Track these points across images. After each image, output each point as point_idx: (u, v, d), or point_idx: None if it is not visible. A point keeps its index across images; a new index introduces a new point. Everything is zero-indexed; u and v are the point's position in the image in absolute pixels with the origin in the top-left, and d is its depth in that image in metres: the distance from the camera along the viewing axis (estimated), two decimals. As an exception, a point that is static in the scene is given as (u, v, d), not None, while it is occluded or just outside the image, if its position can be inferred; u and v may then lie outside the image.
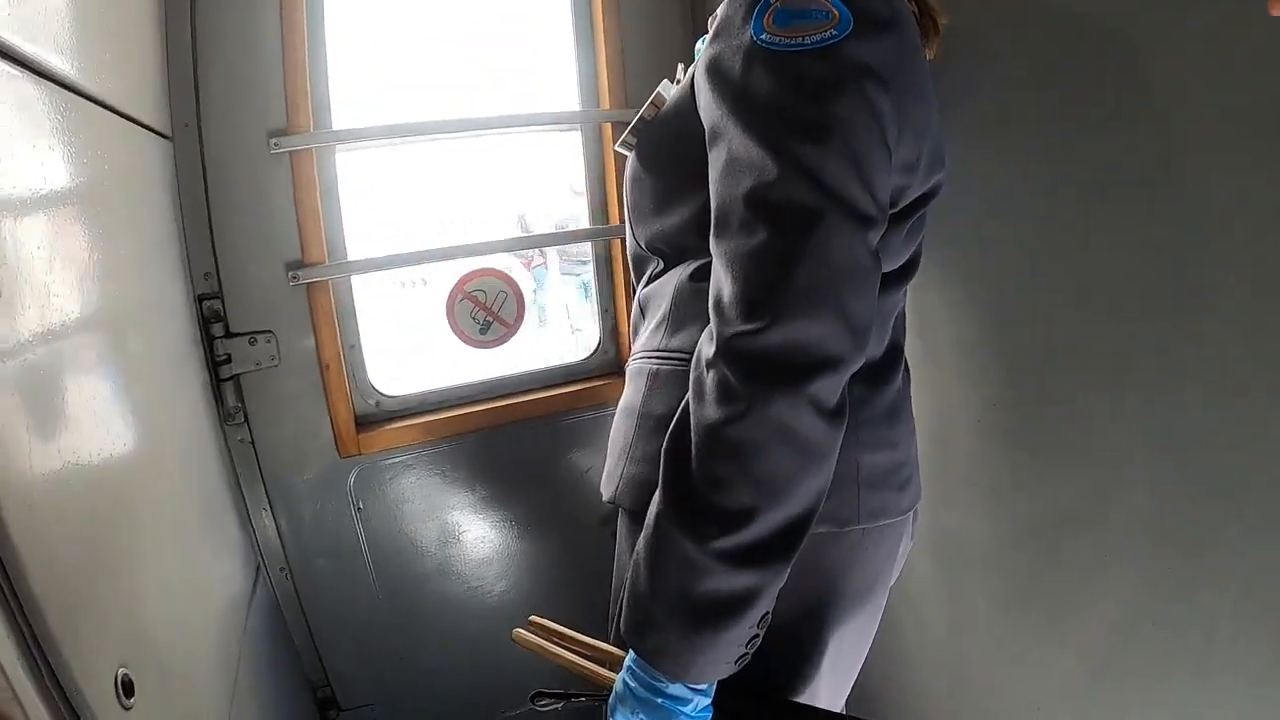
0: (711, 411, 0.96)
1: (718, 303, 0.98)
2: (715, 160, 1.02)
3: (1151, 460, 1.24)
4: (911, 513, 1.29)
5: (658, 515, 1.02)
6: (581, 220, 2.38)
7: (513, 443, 2.29)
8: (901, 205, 1.13)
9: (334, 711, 2.23)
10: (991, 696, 1.66)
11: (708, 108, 1.04)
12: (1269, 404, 1.07)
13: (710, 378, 0.97)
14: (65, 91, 0.99)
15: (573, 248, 4.97)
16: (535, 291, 6.35)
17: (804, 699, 1.23)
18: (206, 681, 1.25)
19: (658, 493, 1.04)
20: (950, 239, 1.38)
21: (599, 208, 2.35)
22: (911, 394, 1.32)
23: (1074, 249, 1.31)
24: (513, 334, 2.27)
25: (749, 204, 0.95)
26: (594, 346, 2.44)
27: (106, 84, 1.18)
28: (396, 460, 2.16)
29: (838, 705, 1.34)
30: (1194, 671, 1.23)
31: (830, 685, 1.28)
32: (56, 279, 0.88)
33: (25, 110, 0.88)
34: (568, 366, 2.42)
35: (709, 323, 1.02)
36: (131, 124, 1.34)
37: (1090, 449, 1.35)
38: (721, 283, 0.98)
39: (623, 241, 2.23)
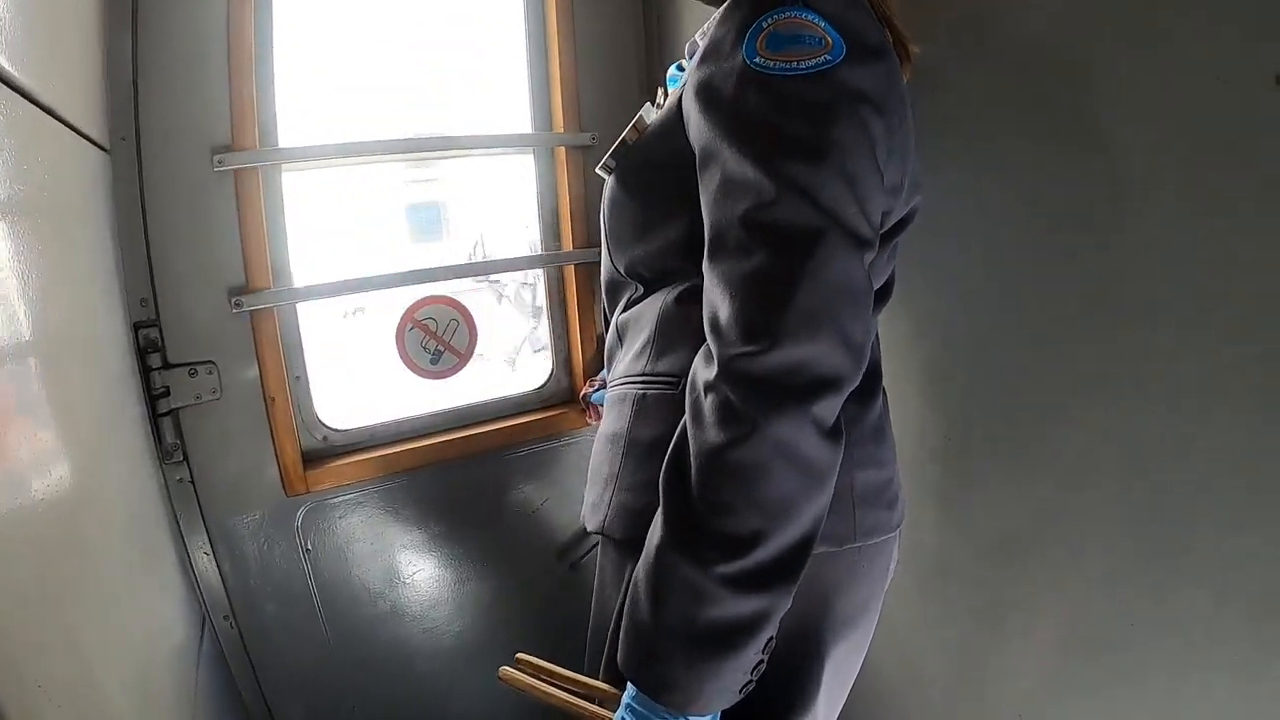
0: (713, 435, 0.94)
1: (714, 325, 0.97)
2: (708, 182, 1.02)
3: (1119, 468, 1.29)
4: (899, 531, 1.28)
5: (660, 544, 0.99)
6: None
7: (465, 477, 2.21)
8: (885, 228, 1.13)
9: (284, 766, 2.08)
10: (973, 705, 1.67)
11: (698, 130, 1.04)
12: (1229, 408, 1.13)
13: (709, 401, 0.95)
14: (2, 86, 0.88)
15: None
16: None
17: (799, 715, 1.20)
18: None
19: (658, 521, 1.01)
20: (916, 262, 1.39)
21: (551, 233, 2.29)
22: (888, 413, 1.33)
23: (1036, 269, 1.35)
24: (464, 364, 2.18)
25: (746, 225, 0.95)
26: (546, 376, 2.37)
27: (45, 84, 1.07)
28: (346, 498, 2.06)
29: None
30: (1172, 671, 1.26)
31: (826, 711, 1.25)
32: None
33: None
34: (519, 397, 2.35)
35: (696, 346, 1.04)
36: (71, 131, 1.23)
37: (1059, 460, 1.38)
38: (718, 305, 0.97)
39: (576, 268, 2.24)
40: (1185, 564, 1.21)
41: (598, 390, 1.90)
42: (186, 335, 1.78)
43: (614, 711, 1.09)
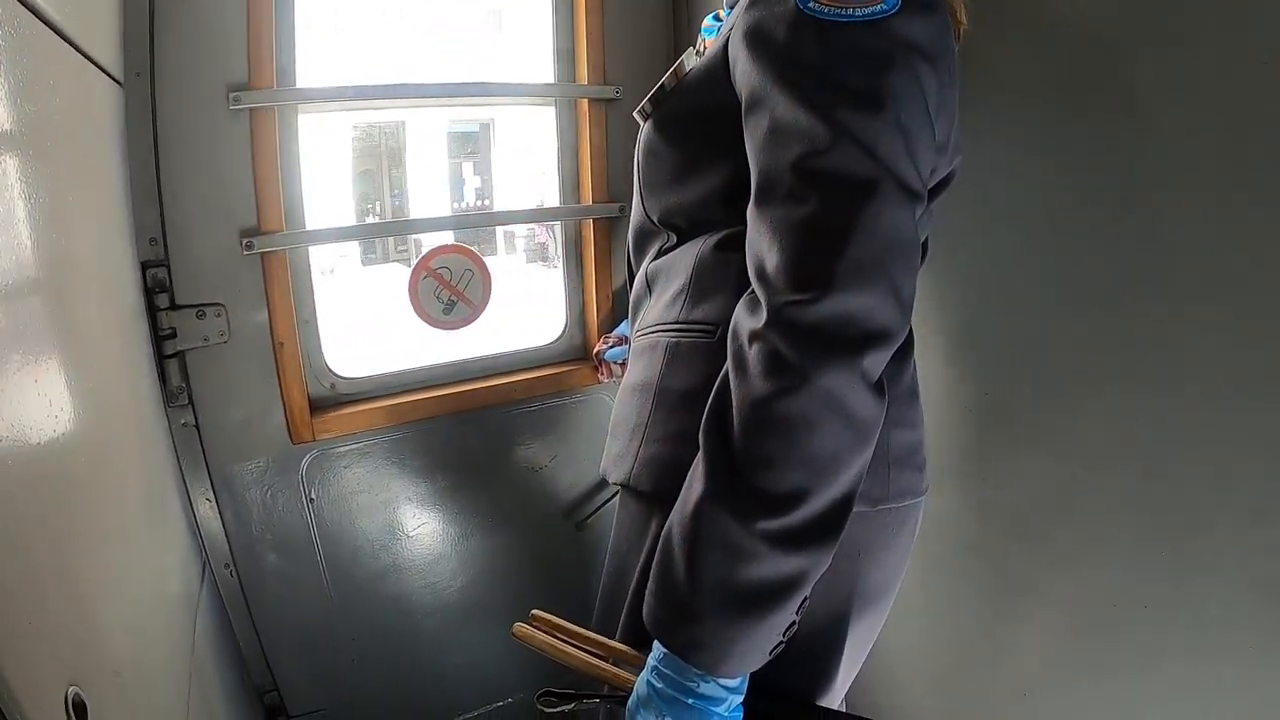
0: (758, 386, 0.91)
1: (761, 273, 0.95)
2: (755, 128, 1.00)
3: (1142, 450, 1.26)
4: (924, 496, 1.26)
5: (699, 499, 0.96)
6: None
7: (474, 430, 2.19)
8: (930, 185, 1.11)
9: (282, 718, 2.09)
10: (977, 683, 1.66)
11: (746, 75, 1.02)
12: (1258, 395, 1.10)
13: (755, 350, 0.92)
14: (17, 3, 0.84)
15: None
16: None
17: (823, 687, 1.20)
18: (160, 693, 1.11)
19: (697, 475, 0.98)
20: (944, 228, 1.37)
21: (570, 187, 2.25)
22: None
23: (1068, 242, 1.33)
24: (477, 315, 2.15)
25: (798, 172, 0.92)
26: (560, 330, 2.34)
27: (61, 7, 1.02)
28: (352, 447, 2.04)
29: (841, 697, 1.29)
30: (1184, 656, 1.25)
31: (843, 677, 1.24)
32: (4, 217, 0.75)
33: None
34: (531, 351, 2.32)
35: (734, 294, 1.02)
36: (85, 60, 1.19)
37: (1080, 438, 1.36)
38: (765, 252, 0.94)
39: (595, 223, 2.21)
40: (1203, 550, 1.19)
41: (612, 347, 1.88)
42: (195, 276, 1.75)
43: (633, 673, 1.08)
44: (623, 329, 1.94)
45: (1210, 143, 1.10)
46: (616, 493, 1.29)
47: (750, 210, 0.98)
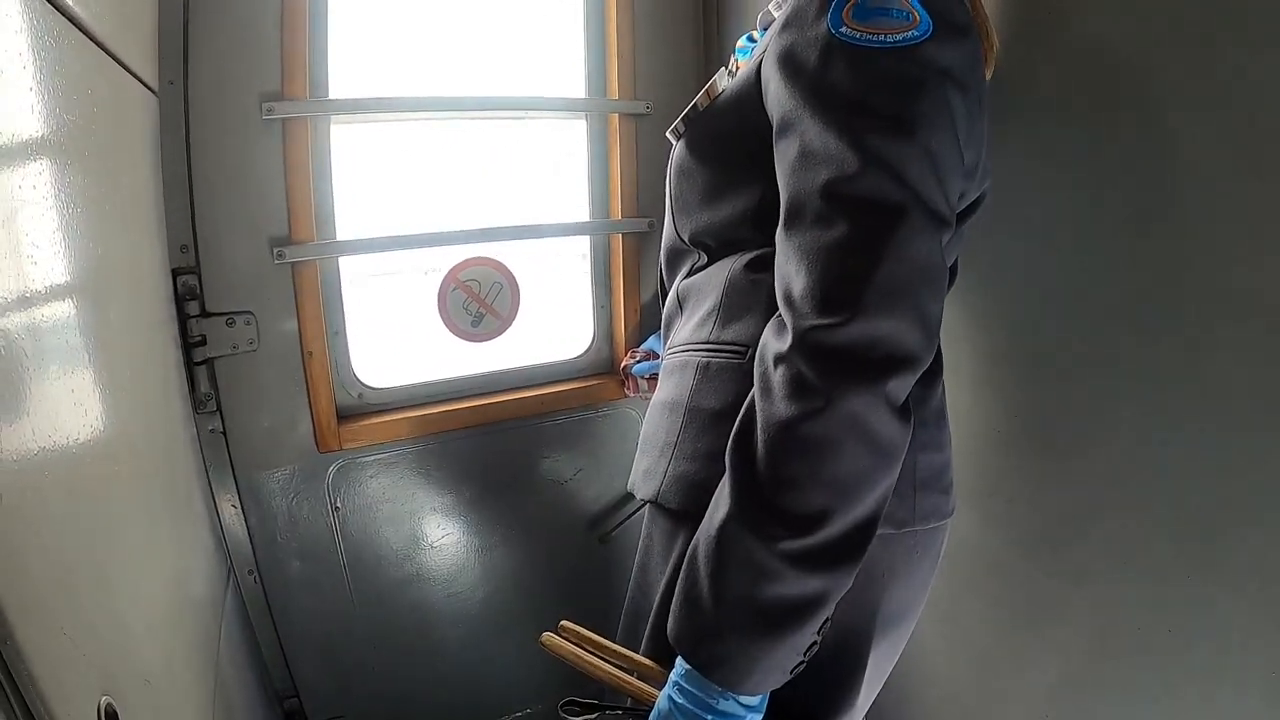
0: (783, 408, 0.92)
1: (788, 296, 0.95)
2: (785, 151, 1.00)
3: (1170, 470, 1.24)
4: (950, 518, 1.25)
5: (724, 518, 0.97)
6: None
7: (499, 442, 2.19)
8: (959, 210, 1.13)
9: (301, 723, 2.08)
10: (998, 704, 1.64)
11: (778, 98, 1.02)
12: None
13: (780, 373, 0.93)
14: (58, 14, 0.85)
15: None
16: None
17: (843, 708, 1.19)
18: (188, 701, 1.11)
19: (723, 494, 0.99)
20: (973, 249, 1.37)
21: (600, 201, 2.26)
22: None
23: (1095, 261, 1.31)
24: (506, 328, 2.16)
25: (826, 196, 0.93)
26: (587, 344, 2.34)
27: (99, 17, 1.04)
28: (378, 457, 2.05)
29: (861, 718, 1.28)
30: (1207, 681, 1.22)
31: (864, 698, 1.24)
32: (36, 226, 0.76)
33: (7, 20, 0.74)
34: (558, 365, 2.32)
35: (764, 315, 1.05)
36: (122, 69, 1.21)
37: (1108, 458, 1.34)
38: (792, 276, 0.95)
39: (624, 237, 2.21)
40: (1228, 574, 1.17)
41: (639, 362, 1.87)
42: (226, 284, 1.77)
43: (657, 688, 1.08)
44: (649, 344, 1.93)
45: (1239, 161, 1.09)
46: (641, 507, 1.29)
47: (779, 234, 0.99)
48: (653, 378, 1.85)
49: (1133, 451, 1.29)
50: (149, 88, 1.47)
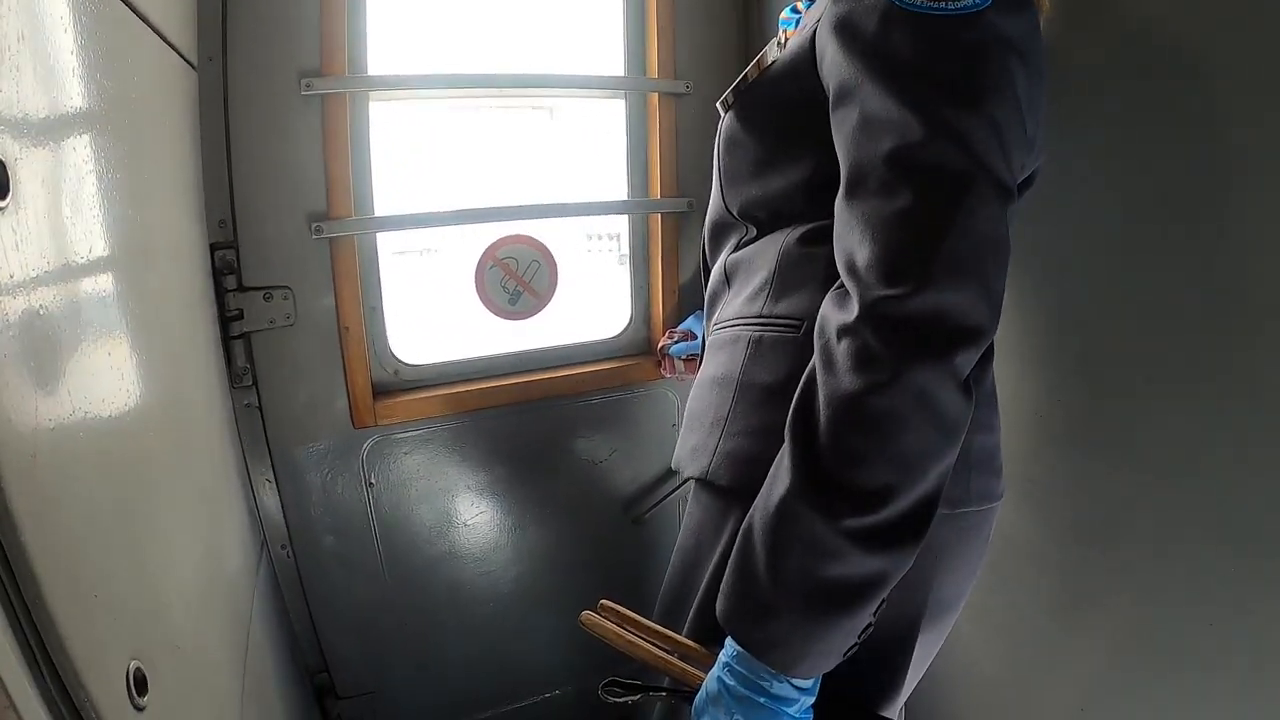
0: (848, 381, 0.90)
1: (851, 267, 0.94)
2: (844, 119, 0.99)
3: (1214, 464, 1.22)
4: (1000, 501, 1.23)
5: (784, 495, 0.94)
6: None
7: (534, 421, 2.19)
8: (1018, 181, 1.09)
9: (331, 699, 2.11)
10: (1036, 696, 1.64)
11: (835, 66, 1.00)
12: None
13: (844, 345, 0.91)
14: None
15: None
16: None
17: (890, 692, 1.18)
18: (218, 670, 1.12)
19: (783, 470, 0.96)
20: (1020, 231, 1.30)
21: (639, 181, 2.24)
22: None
23: (1143, 251, 1.29)
24: (543, 306, 2.16)
25: (891, 165, 0.91)
26: (624, 324, 2.33)
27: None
28: (413, 434, 2.05)
29: (902, 704, 1.27)
30: (1248, 676, 1.21)
31: (909, 683, 1.22)
32: (76, 191, 0.76)
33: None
34: (595, 344, 2.31)
35: (819, 288, 1.03)
36: (162, 41, 1.21)
37: (1151, 449, 1.33)
38: (855, 246, 0.93)
39: (663, 217, 2.20)
40: (1271, 569, 1.16)
41: (677, 342, 1.86)
42: (263, 259, 1.77)
43: (700, 669, 1.07)
44: (688, 324, 1.92)
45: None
46: (675, 489, 1.27)
47: (839, 203, 0.97)
48: (690, 359, 1.84)
49: (1179, 445, 1.27)
50: (189, 63, 1.47)
